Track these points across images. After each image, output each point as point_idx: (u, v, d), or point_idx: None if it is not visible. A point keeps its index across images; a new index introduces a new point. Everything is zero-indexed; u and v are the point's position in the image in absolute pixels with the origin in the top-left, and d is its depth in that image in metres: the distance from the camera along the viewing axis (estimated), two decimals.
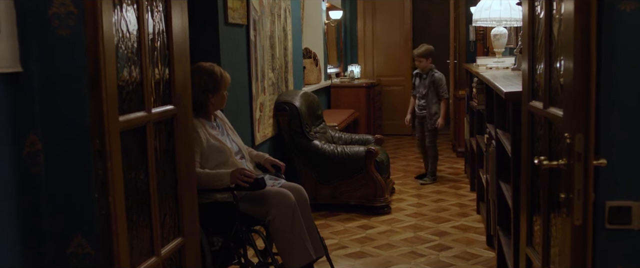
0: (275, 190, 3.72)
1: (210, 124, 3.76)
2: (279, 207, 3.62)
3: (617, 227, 2.04)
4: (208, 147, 3.62)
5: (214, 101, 3.71)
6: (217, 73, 3.70)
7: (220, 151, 3.66)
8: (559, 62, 2.10)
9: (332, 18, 9.10)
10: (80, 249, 2.43)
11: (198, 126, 3.63)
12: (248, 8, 4.65)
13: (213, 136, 3.68)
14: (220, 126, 3.85)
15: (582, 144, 1.82)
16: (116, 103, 2.23)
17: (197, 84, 3.57)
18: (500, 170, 3.82)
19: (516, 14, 5.55)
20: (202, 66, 3.72)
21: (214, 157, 3.64)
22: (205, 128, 3.69)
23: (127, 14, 2.37)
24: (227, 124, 3.95)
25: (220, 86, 3.71)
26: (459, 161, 8.12)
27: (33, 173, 2.34)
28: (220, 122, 3.88)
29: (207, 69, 3.71)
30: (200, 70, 3.68)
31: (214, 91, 3.69)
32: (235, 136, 3.93)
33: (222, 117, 3.93)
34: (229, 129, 3.92)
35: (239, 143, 3.90)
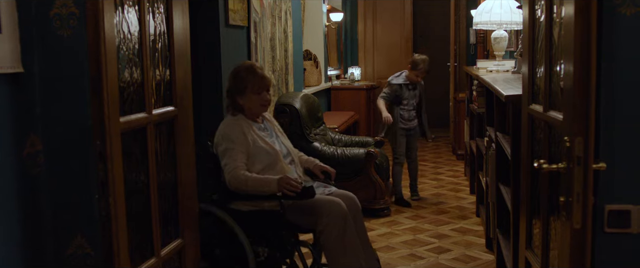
0: (326, 198, 3.45)
1: (258, 126, 3.59)
2: (330, 216, 3.35)
3: (616, 230, 2.04)
4: (255, 148, 3.46)
5: (243, 103, 3.53)
6: (242, 74, 3.53)
7: (268, 153, 3.48)
8: (559, 65, 2.10)
9: (333, 20, 9.11)
10: (81, 250, 2.43)
11: (244, 126, 3.49)
12: (249, 10, 4.66)
13: (260, 137, 3.52)
14: (268, 128, 3.68)
15: (582, 148, 1.83)
16: (117, 104, 2.24)
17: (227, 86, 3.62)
18: (500, 173, 3.82)
19: (517, 17, 5.55)
20: (235, 68, 3.62)
21: (260, 159, 3.47)
22: (252, 129, 3.53)
23: (129, 15, 2.37)
24: (276, 126, 3.79)
25: (245, 88, 3.51)
26: (458, 164, 8.12)
27: (34, 174, 2.34)
28: (268, 124, 3.72)
29: (232, 71, 3.61)
30: (231, 71, 3.61)
31: (240, 93, 3.52)
32: (285, 139, 3.75)
33: (270, 119, 3.78)
34: (278, 131, 3.76)
35: (288, 146, 3.71)
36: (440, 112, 10.46)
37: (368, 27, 10.79)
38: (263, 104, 3.57)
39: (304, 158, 3.82)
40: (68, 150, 2.37)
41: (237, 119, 3.53)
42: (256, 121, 3.61)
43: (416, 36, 10.95)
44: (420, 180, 7.18)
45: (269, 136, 3.62)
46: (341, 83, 9.50)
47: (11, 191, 2.24)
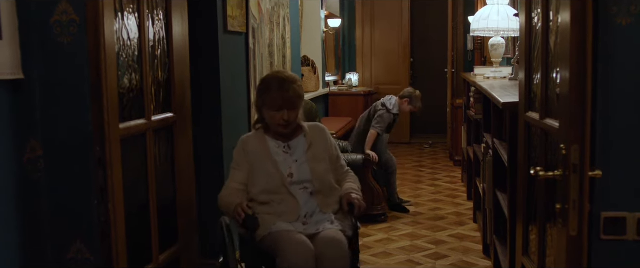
0: (294, 236, 2.93)
1: (277, 144, 3.18)
2: (285, 256, 2.85)
3: (612, 237, 2.06)
4: (255, 168, 3.11)
5: (265, 117, 3.18)
6: (262, 86, 3.18)
7: (268, 175, 3.08)
8: (555, 73, 2.12)
9: (331, 26, 9.13)
10: (80, 255, 2.44)
11: (254, 143, 3.17)
12: (247, 16, 4.67)
13: (269, 157, 3.12)
14: (295, 148, 3.20)
15: (578, 155, 1.84)
16: (117, 110, 2.25)
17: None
18: (497, 179, 3.84)
19: (514, 24, 5.58)
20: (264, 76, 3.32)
21: (258, 181, 3.09)
22: (266, 146, 3.16)
23: (129, 22, 2.39)
24: (315, 146, 3.23)
25: (263, 103, 3.14)
26: (456, 170, 8.13)
27: (33, 179, 2.36)
28: (299, 144, 3.23)
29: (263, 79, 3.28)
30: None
31: (262, 106, 3.17)
32: (317, 163, 3.18)
33: (312, 139, 3.24)
34: (311, 154, 3.20)
35: (315, 172, 3.15)
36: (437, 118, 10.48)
37: (366, 33, 10.81)
38: (280, 124, 3.11)
39: (346, 188, 3.23)
40: (68, 156, 2.38)
41: (252, 134, 3.27)
42: (278, 139, 3.20)
43: (414, 42, 10.97)
44: (417, 187, 7.20)
45: (287, 157, 3.17)
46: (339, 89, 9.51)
47: (11, 196, 2.25)
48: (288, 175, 3.11)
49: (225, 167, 4.16)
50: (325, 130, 3.34)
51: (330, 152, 3.28)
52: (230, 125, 4.26)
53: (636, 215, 2.03)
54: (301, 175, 3.14)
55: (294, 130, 3.21)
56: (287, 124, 3.12)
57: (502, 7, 5.78)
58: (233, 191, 3.08)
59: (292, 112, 3.10)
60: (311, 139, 3.24)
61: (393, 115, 6.08)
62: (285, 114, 3.07)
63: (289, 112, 3.08)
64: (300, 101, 3.16)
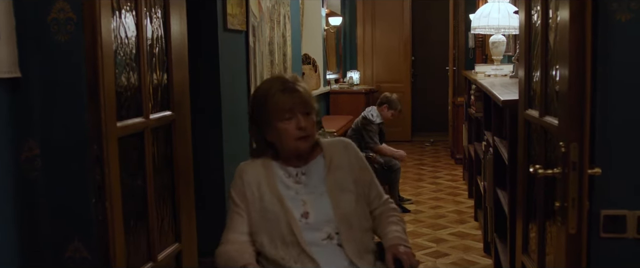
0: None
1: (285, 171, 2.37)
2: None
3: (611, 235, 2.05)
4: (260, 209, 2.31)
5: (273, 140, 2.35)
6: (260, 97, 2.35)
7: (274, 215, 2.28)
8: (554, 70, 2.11)
9: (332, 24, 9.12)
10: (78, 254, 2.44)
11: (255, 176, 2.35)
12: (247, 14, 4.66)
13: (275, 191, 2.31)
14: (308, 176, 2.37)
15: (577, 153, 1.83)
16: (114, 109, 2.24)
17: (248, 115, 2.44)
18: (498, 177, 3.83)
19: (515, 21, 5.56)
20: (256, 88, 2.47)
21: (264, 225, 2.30)
22: (271, 179, 2.35)
23: (126, 20, 2.38)
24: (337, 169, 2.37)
25: (269, 117, 2.31)
26: (457, 168, 8.12)
27: (31, 178, 2.35)
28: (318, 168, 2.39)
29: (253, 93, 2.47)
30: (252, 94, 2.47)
31: (265, 125, 2.34)
32: (342, 193, 2.33)
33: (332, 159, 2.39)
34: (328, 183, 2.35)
35: (340, 206, 2.30)
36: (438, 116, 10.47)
37: (367, 31, 10.80)
38: (298, 137, 2.28)
39: (391, 236, 2.33)
40: (65, 155, 2.38)
41: (253, 164, 2.40)
42: (290, 165, 2.38)
43: (415, 40, 10.96)
44: (418, 185, 7.20)
45: (300, 189, 2.35)
46: (340, 87, 9.51)
47: (9, 195, 2.25)
48: (302, 216, 2.27)
49: (225, 166, 4.16)
50: (351, 146, 2.45)
51: (360, 177, 2.39)
52: (230, 124, 4.25)
53: (636, 213, 2.03)
54: (319, 213, 2.28)
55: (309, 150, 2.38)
56: (307, 135, 2.28)
57: (502, 4, 5.77)
58: (235, 246, 2.30)
59: (307, 118, 2.29)
60: (331, 160, 2.37)
61: (377, 125, 6.15)
62: (300, 120, 2.26)
63: (304, 118, 2.28)
64: (314, 103, 2.35)
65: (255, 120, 2.37)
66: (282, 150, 2.35)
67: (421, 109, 10.97)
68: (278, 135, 2.31)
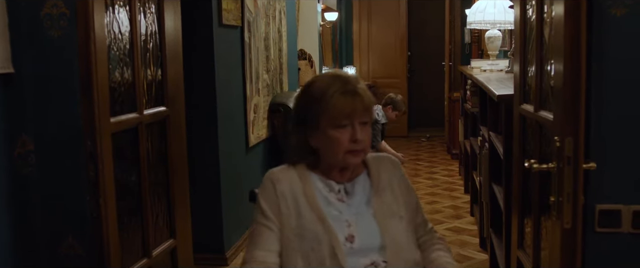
0: None
1: (326, 184, 1.99)
2: None
3: (606, 230, 2.04)
4: (297, 229, 1.92)
5: (317, 145, 1.97)
6: (313, 94, 1.96)
7: (314, 240, 1.90)
8: (549, 65, 2.11)
9: (328, 20, 9.10)
10: (72, 250, 2.43)
11: (291, 189, 1.96)
12: (242, 10, 4.65)
13: (314, 206, 1.94)
14: (351, 194, 2.00)
15: (572, 148, 1.83)
16: (108, 104, 2.23)
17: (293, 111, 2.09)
18: (493, 172, 3.82)
19: (510, 16, 5.55)
20: (308, 82, 2.06)
21: (301, 246, 1.92)
22: (310, 188, 1.97)
23: (120, 15, 2.37)
24: (385, 190, 2.03)
25: (318, 120, 1.93)
26: (453, 163, 8.12)
27: (24, 174, 2.34)
28: (363, 186, 2.03)
29: (303, 87, 2.06)
30: (302, 87, 2.07)
31: (310, 127, 1.96)
32: (392, 219, 1.99)
33: (379, 178, 2.04)
34: (375, 204, 2.00)
35: (390, 233, 1.96)
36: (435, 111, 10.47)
37: (363, 26, 10.78)
38: (350, 150, 1.92)
39: (440, 260, 2.06)
40: (59, 151, 2.37)
41: (287, 172, 2.01)
42: (332, 178, 2.00)
43: (411, 36, 10.95)
44: (414, 180, 7.20)
45: (344, 209, 1.97)
46: None
47: (2, 191, 2.24)
48: (346, 239, 1.93)
49: (221, 162, 4.15)
50: (398, 165, 2.13)
51: (408, 200, 2.08)
52: (226, 120, 4.25)
53: (631, 207, 2.02)
54: (366, 238, 1.95)
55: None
56: (361, 149, 1.94)
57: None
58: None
59: (364, 129, 1.93)
60: (379, 178, 2.05)
61: (382, 125, 6.19)
62: (356, 131, 1.90)
63: (361, 128, 1.92)
64: (373, 112, 2.03)
65: (301, 120, 1.99)
66: (326, 160, 1.98)
67: (417, 104, 10.97)
68: (326, 143, 1.94)
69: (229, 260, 4.27)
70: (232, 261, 4.31)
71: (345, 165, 1.98)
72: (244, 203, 4.71)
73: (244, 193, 4.69)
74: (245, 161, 4.77)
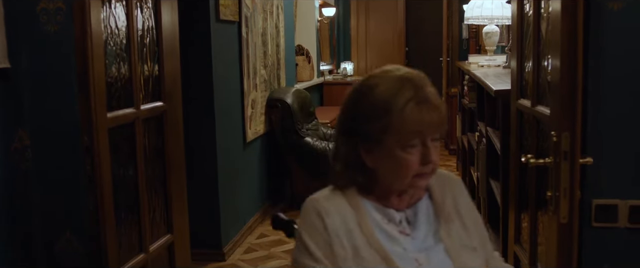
0: None
1: (383, 213, 1.58)
2: None
3: (603, 225, 2.05)
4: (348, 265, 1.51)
5: (375, 165, 1.55)
6: (378, 101, 1.51)
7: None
8: (546, 60, 2.11)
9: (325, 15, 9.09)
10: (69, 245, 2.43)
11: (345, 214, 1.55)
12: (240, 5, 4.64)
13: (377, 245, 1.53)
14: (413, 224, 1.60)
15: (569, 143, 1.83)
16: (104, 99, 2.23)
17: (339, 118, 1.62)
18: (490, 168, 3.82)
19: (508, 12, 5.55)
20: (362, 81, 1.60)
21: None
22: (364, 219, 1.56)
23: (116, 10, 2.36)
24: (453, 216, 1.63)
25: (386, 132, 1.50)
26: (451, 158, 8.12)
27: (21, 168, 2.34)
28: (426, 212, 1.62)
29: (356, 88, 1.60)
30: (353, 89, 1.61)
31: (368, 141, 1.53)
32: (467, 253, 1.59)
33: (443, 202, 1.64)
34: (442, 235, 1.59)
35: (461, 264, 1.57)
36: None
37: (361, 22, 10.77)
38: (421, 174, 1.53)
39: None
40: (56, 146, 2.37)
41: (334, 199, 1.58)
42: (389, 205, 1.59)
43: (409, 31, 10.94)
44: None
45: (408, 243, 1.57)
46: (334, 78, 9.48)
47: None
48: None
49: (218, 157, 4.15)
50: (461, 183, 1.73)
51: (479, 227, 1.67)
52: (222, 115, 4.24)
53: (628, 202, 2.03)
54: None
55: None
56: (431, 171, 1.55)
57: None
58: None
59: (436, 146, 1.53)
60: (443, 202, 1.64)
61: None
62: (430, 151, 1.51)
63: (434, 147, 1.52)
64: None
65: (353, 132, 1.55)
66: (384, 183, 1.56)
67: None
68: (390, 165, 1.51)
69: (227, 255, 4.27)
70: (230, 256, 4.31)
71: (412, 189, 1.58)
72: (242, 198, 4.71)
73: (241, 188, 4.69)
74: (242, 156, 4.77)
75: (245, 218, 4.80)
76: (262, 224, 5.12)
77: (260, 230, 4.97)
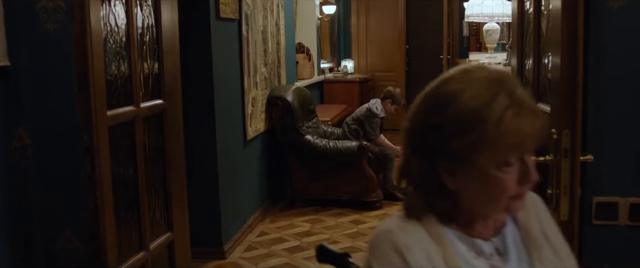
0: None
1: (469, 244, 1.30)
2: None
3: (603, 222, 2.05)
4: None
5: (459, 189, 1.26)
6: (467, 111, 1.21)
7: None
8: (547, 58, 2.10)
9: (326, 13, 9.08)
10: (69, 244, 2.43)
11: (427, 247, 1.27)
12: (240, 2, 4.64)
13: None
14: (507, 256, 1.33)
15: (569, 140, 1.83)
16: (104, 98, 2.22)
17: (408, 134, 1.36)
18: None
19: (508, 9, 5.55)
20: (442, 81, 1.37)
21: None
22: (449, 252, 1.28)
23: (116, 8, 2.36)
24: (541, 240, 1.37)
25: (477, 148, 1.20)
26: None
27: (21, 167, 2.34)
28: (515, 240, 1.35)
29: (436, 90, 1.36)
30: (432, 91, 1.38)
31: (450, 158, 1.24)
32: None
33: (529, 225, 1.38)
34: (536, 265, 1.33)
35: None
36: None
37: (361, 20, 10.76)
38: (519, 195, 1.26)
39: None
40: (56, 144, 2.37)
41: (413, 232, 1.31)
42: (475, 234, 1.32)
43: (409, 29, 10.93)
44: None
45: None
46: (334, 76, 9.48)
47: None
48: None
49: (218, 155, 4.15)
50: (542, 202, 1.48)
51: (568, 252, 1.44)
52: (223, 113, 4.24)
53: (628, 200, 2.03)
54: None
55: None
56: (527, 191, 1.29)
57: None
58: None
59: (532, 160, 1.26)
60: (528, 227, 1.39)
61: (380, 118, 6.20)
62: (529, 167, 1.24)
63: (531, 161, 1.26)
64: None
65: (429, 150, 1.26)
66: (470, 208, 1.28)
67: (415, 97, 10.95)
68: (481, 187, 1.23)
69: (227, 253, 4.27)
70: (230, 254, 4.31)
71: (505, 212, 1.30)
72: (242, 196, 4.71)
73: (241, 186, 4.69)
74: (242, 154, 4.77)
75: (245, 217, 4.80)
76: (263, 222, 5.12)
77: (260, 228, 4.97)
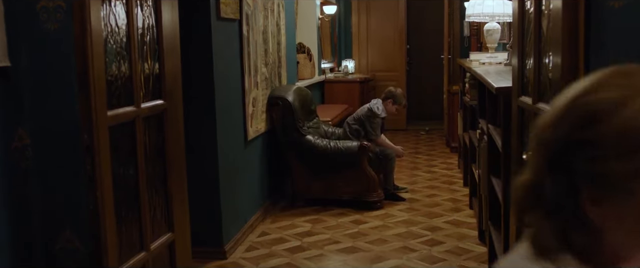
0: None
1: None
2: None
3: None
4: None
5: (602, 215, 0.93)
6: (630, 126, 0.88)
7: None
8: (547, 57, 2.10)
9: (326, 13, 9.09)
10: (70, 244, 2.43)
11: None
12: (241, 3, 4.64)
13: None
14: None
15: None
16: (105, 98, 2.22)
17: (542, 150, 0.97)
18: (492, 165, 3.82)
19: (509, 9, 5.54)
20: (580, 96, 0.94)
21: None
22: None
23: (116, 8, 2.36)
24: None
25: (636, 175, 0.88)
26: (452, 156, 8.12)
27: (22, 167, 2.34)
28: None
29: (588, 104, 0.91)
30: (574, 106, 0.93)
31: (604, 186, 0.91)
32: None
33: None
34: None
35: None
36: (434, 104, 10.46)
37: (362, 19, 10.76)
38: None
39: None
40: (56, 144, 2.37)
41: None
42: None
43: (410, 29, 10.93)
44: (413, 173, 7.20)
45: None
46: (335, 76, 9.48)
47: None
48: None
49: (219, 155, 4.15)
50: None
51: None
52: (223, 113, 4.24)
53: None
54: None
55: None
56: None
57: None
58: None
59: None
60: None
61: (381, 118, 6.20)
62: None
63: None
64: None
65: (572, 168, 0.95)
66: (615, 247, 0.97)
67: (416, 97, 10.95)
68: (635, 223, 0.94)
69: (228, 253, 4.27)
70: (231, 254, 4.31)
71: None
72: (243, 196, 4.71)
73: (242, 186, 4.69)
74: (243, 155, 4.77)
75: (246, 217, 4.80)
76: (263, 222, 5.12)
77: (261, 228, 4.97)
